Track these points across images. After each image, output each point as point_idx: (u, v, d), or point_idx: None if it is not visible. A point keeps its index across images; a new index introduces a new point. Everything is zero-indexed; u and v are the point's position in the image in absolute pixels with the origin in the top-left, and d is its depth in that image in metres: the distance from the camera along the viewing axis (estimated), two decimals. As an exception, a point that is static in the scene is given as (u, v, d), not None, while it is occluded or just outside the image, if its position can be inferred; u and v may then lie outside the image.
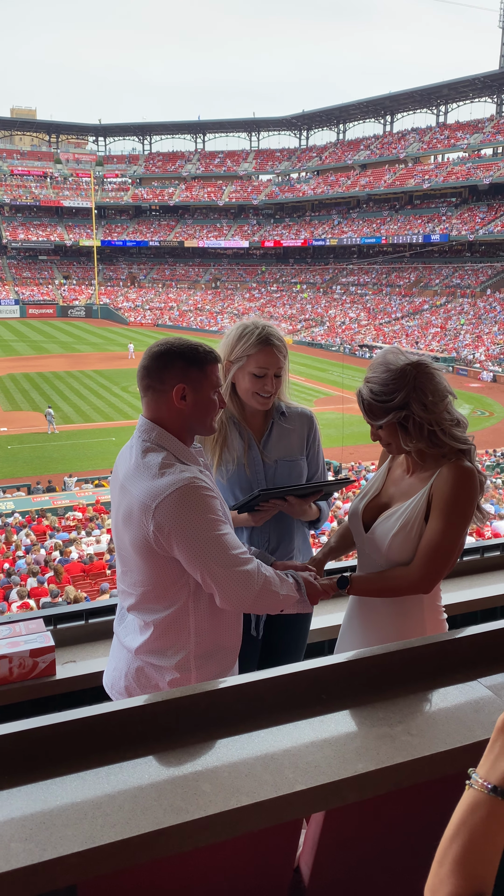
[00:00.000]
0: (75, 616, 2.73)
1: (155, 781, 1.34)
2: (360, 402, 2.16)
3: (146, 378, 1.99)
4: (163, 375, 1.96)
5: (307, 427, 2.59)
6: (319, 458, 2.64)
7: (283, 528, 2.54)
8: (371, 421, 2.15)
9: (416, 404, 2.06)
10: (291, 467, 2.53)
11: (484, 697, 1.61)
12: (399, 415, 2.08)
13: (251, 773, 1.35)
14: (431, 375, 2.10)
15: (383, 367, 2.10)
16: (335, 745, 1.43)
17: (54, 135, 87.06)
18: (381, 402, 2.09)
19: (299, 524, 2.58)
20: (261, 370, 2.39)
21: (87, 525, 17.25)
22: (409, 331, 52.39)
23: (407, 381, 2.06)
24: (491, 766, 0.98)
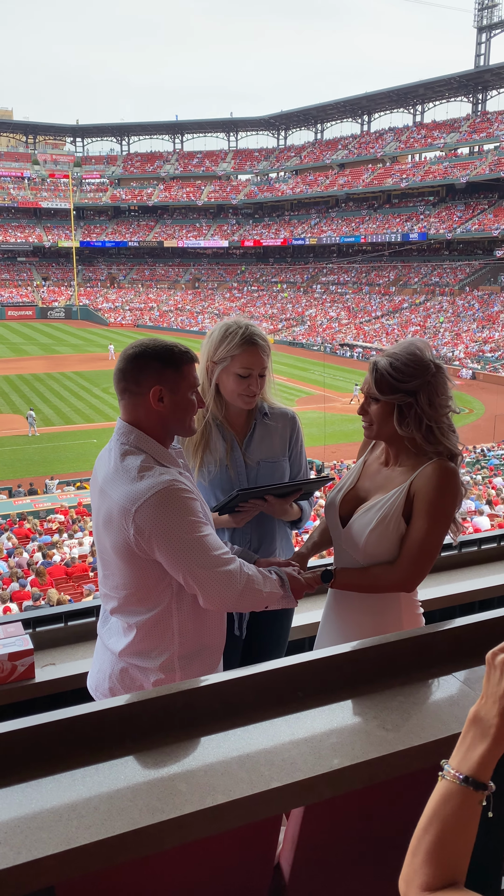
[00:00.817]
0: (54, 619, 2.71)
1: (131, 782, 1.34)
2: (374, 371, 2.14)
3: (122, 381, 1.98)
4: (139, 378, 1.95)
5: (290, 428, 2.58)
6: (302, 459, 2.64)
7: (265, 529, 2.53)
8: (373, 392, 2.15)
9: (423, 397, 2.08)
10: (274, 468, 2.52)
11: (459, 691, 1.62)
12: (404, 399, 2.09)
13: (227, 771, 1.35)
14: (445, 381, 2.14)
15: (410, 350, 2.13)
16: (311, 741, 1.44)
17: (31, 136, 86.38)
18: (394, 380, 2.10)
19: (281, 524, 2.58)
20: (245, 370, 2.37)
21: (69, 527, 17.15)
22: (389, 329, 52.63)
23: (426, 374, 2.09)
24: (463, 757, 0.99)
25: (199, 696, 1.52)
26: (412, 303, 57.11)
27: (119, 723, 1.46)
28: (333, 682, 1.63)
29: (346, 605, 2.30)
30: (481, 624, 1.83)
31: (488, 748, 0.98)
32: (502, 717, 0.98)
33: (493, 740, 0.98)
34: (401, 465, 2.20)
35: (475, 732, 1.00)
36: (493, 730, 0.98)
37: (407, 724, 1.50)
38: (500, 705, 0.98)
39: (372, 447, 2.37)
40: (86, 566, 13.38)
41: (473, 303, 53.10)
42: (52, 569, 13.02)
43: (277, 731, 1.48)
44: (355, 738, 1.45)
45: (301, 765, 1.36)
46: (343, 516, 2.29)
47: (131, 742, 1.45)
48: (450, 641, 1.78)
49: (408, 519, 2.14)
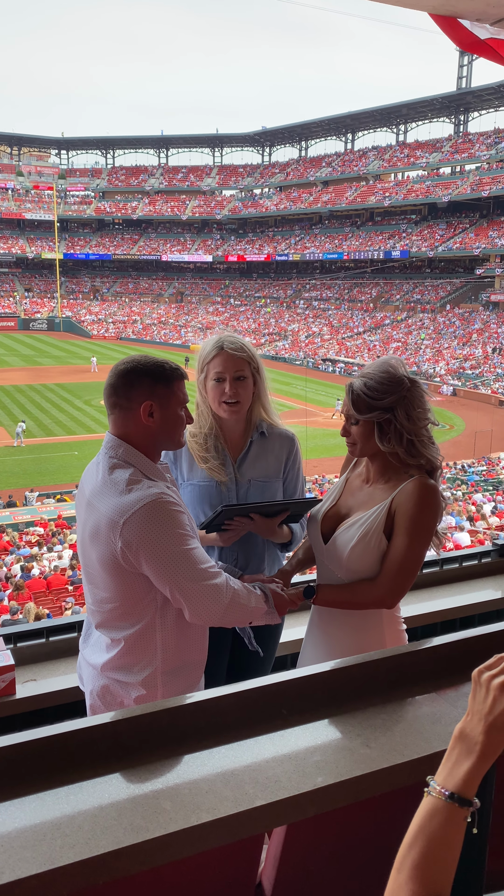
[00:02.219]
0: (35, 634, 2.69)
1: (115, 800, 1.34)
2: (350, 392, 2.19)
3: (113, 396, 1.99)
4: (129, 393, 1.96)
5: (287, 449, 2.55)
6: (298, 482, 2.61)
7: (251, 548, 2.51)
8: (352, 413, 2.19)
9: (401, 412, 2.12)
10: (264, 488, 2.50)
11: (441, 709, 1.64)
12: (382, 416, 2.13)
13: (212, 789, 1.35)
14: (422, 395, 2.17)
15: (383, 369, 2.17)
16: (295, 759, 1.44)
17: (16, 147, 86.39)
18: (370, 399, 2.14)
19: (269, 545, 2.55)
20: (218, 375, 2.37)
21: (49, 540, 17.00)
22: (370, 345, 53.03)
23: (401, 389, 2.13)
24: (448, 773, 1.01)
25: (183, 714, 1.52)
26: (394, 319, 57.63)
27: (103, 740, 1.46)
28: (317, 699, 1.64)
29: (329, 622, 2.31)
30: (462, 642, 1.85)
31: (473, 765, 0.99)
32: (487, 735, 1.00)
33: (478, 757, 1.00)
34: (382, 482, 2.22)
35: (461, 749, 1.01)
36: (479, 746, 1.00)
37: (390, 741, 1.50)
38: (486, 723, 1.00)
39: (354, 464, 2.40)
40: (65, 579, 13.25)
41: (454, 320, 53.70)
42: (30, 582, 12.89)
43: (262, 748, 1.48)
44: (339, 756, 1.46)
45: (285, 783, 1.37)
46: (325, 533, 2.31)
47: (116, 760, 1.44)
48: (431, 659, 1.80)
49: (389, 536, 2.16)
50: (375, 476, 2.25)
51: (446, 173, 64.30)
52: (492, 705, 1.00)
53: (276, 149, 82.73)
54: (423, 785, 1.03)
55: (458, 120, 67.01)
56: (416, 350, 50.15)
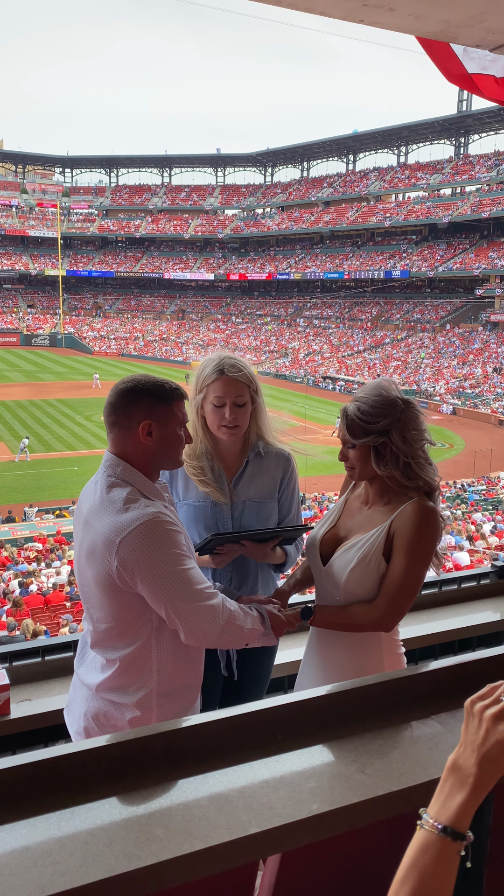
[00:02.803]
0: (31, 653, 2.67)
1: (107, 826, 1.31)
2: (343, 417, 2.19)
3: (112, 414, 1.99)
4: (129, 412, 1.97)
5: (283, 469, 2.54)
6: (293, 502, 2.59)
7: (245, 570, 2.50)
8: (347, 438, 2.19)
9: (396, 434, 2.11)
10: (259, 509, 2.48)
11: (439, 735, 1.62)
12: (377, 440, 2.12)
13: (205, 815, 1.33)
14: (417, 416, 2.16)
15: (375, 392, 2.16)
16: (290, 785, 1.42)
17: (21, 165, 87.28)
18: (364, 423, 2.13)
19: (263, 566, 2.54)
20: (218, 400, 2.37)
21: (47, 556, 16.95)
22: (370, 363, 53.21)
23: (395, 412, 2.12)
24: (441, 806, 0.99)
25: (177, 738, 1.50)
26: (394, 338, 57.88)
27: (96, 765, 1.44)
28: (313, 724, 1.62)
29: (328, 644, 2.30)
30: (459, 666, 1.83)
31: (467, 797, 0.98)
32: (480, 767, 0.98)
33: (471, 789, 0.98)
34: (381, 505, 2.21)
35: (454, 781, 1.00)
36: (472, 779, 0.98)
37: (387, 768, 1.48)
38: (479, 754, 0.98)
39: (353, 486, 2.39)
40: (63, 596, 13.20)
41: (454, 340, 53.91)
42: (28, 598, 12.83)
43: (256, 774, 1.46)
44: (335, 783, 1.44)
45: (280, 809, 1.35)
46: (324, 554, 2.30)
47: (108, 784, 1.42)
48: (429, 684, 1.78)
49: (388, 558, 2.15)
50: (374, 498, 2.24)
51: (447, 194, 64.91)
52: (485, 736, 0.99)
53: (279, 169, 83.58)
54: (418, 815, 1.01)
55: (458, 142, 67.74)
56: (416, 369, 50.30)
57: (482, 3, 2.04)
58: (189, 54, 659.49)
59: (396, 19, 2.30)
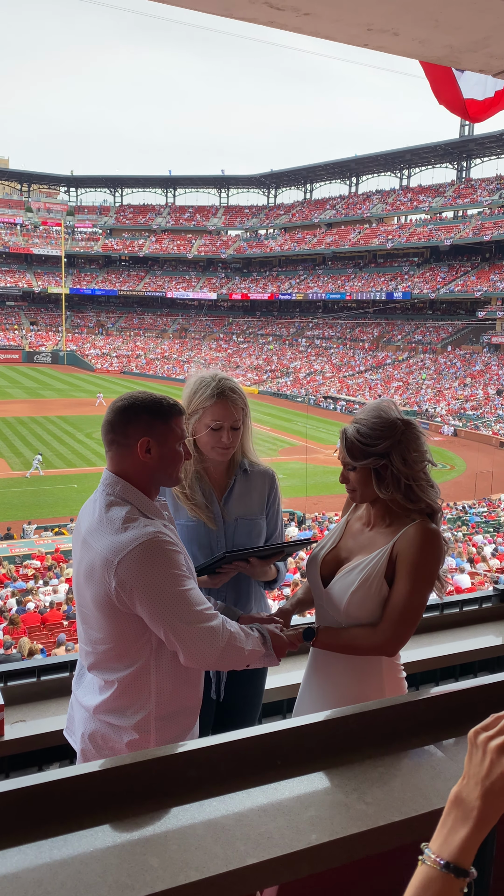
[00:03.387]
0: (27, 673, 2.63)
1: (100, 855, 1.28)
2: (343, 439, 2.17)
3: (110, 432, 1.98)
4: (127, 429, 1.95)
5: (268, 486, 2.56)
6: (278, 518, 2.62)
7: (241, 588, 2.50)
8: (348, 461, 2.16)
9: (396, 456, 2.08)
10: (251, 526, 2.49)
11: (440, 763, 1.58)
12: (377, 462, 2.10)
13: (201, 845, 1.30)
14: (417, 437, 2.14)
15: (375, 414, 2.14)
16: (289, 814, 1.39)
17: (26, 184, 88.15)
18: (364, 445, 2.11)
19: (256, 584, 2.55)
20: (216, 423, 2.36)
21: (45, 574, 16.85)
22: (372, 384, 53.31)
23: (395, 434, 2.10)
24: (444, 840, 0.95)
25: (173, 764, 1.47)
26: (395, 359, 58.05)
27: (91, 791, 1.40)
28: (312, 750, 1.58)
29: (328, 667, 2.26)
30: (462, 693, 1.80)
31: (470, 832, 0.94)
32: (485, 800, 0.94)
33: (475, 824, 0.94)
34: (383, 526, 2.19)
35: (457, 815, 0.96)
36: (476, 812, 0.94)
37: (387, 797, 1.45)
38: (483, 787, 0.95)
39: (355, 507, 2.37)
40: (60, 614, 13.10)
41: (455, 361, 54.06)
42: (26, 616, 12.74)
43: (254, 802, 1.43)
44: (334, 812, 1.40)
45: (278, 840, 1.31)
46: (325, 576, 2.27)
47: (102, 811, 1.39)
48: (431, 710, 1.75)
49: (390, 581, 2.12)
50: (376, 520, 2.21)
51: (448, 217, 65.41)
52: (489, 769, 0.95)
53: (282, 191, 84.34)
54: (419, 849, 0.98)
55: (460, 166, 68.40)
56: (417, 390, 50.39)
57: (486, 29, 2.06)
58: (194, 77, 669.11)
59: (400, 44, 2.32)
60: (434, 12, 2.01)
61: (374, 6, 1.92)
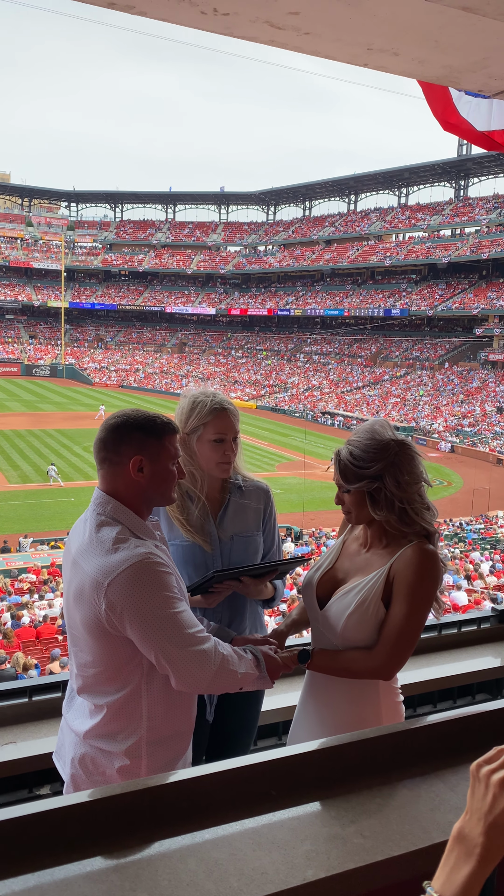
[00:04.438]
0: (18, 693, 2.59)
1: (89, 890, 1.23)
2: (337, 461, 2.14)
3: (102, 450, 1.94)
4: (119, 448, 1.92)
5: (264, 502, 2.54)
6: (275, 535, 2.59)
7: (236, 608, 2.46)
8: (342, 483, 2.14)
9: (389, 479, 2.05)
10: (247, 543, 2.46)
11: (440, 794, 1.54)
12: (371, 485, 2.07)
13: (193, 881, 1.25)
14: (412, 458, 2.11)
15: (368, 435, 2.11)
16: (284, 847, 1.34)
17: (27, 199, 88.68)
18: (357, 468, 2.08)
19: (252, 602, 2.50)
20: (219, 436, 2.35)
21: (40, 588, 16.74)
22: (369, 400, 53.42)
23: (387, 455, 2.07)
24: (446, 879, 0.92)
25: (165, 794, 1.42)
26: (393, 375, 58.19)
27: (80, 821, 1.36)
28: (308, 780, 1.54)
29: (325, 691, 2.22)
30: (462, 720, 1.76)
31: (473, 870, 0.90)
32: (488, 836, 0.91)
33: (478, 861, 0.90)
34: (380, 548, 2.16)
35: (459, 852, 0.92)
36: (479, 849, 0.91)
37: (385, 830, 1.40)
38: (486, 822, 0.91)
39: (351, 527, 2.34)
40: (55, 629, 13.00)
41: (453, 378, 54.21)
42: (20, 630, 12.64)
43: (248, 835, 1.38)
44: (331, 846, 1.35)
45: (272, 876, 1.27)
46: (321, 597, 2.23)
47: (91, 843, 1.34)
48: (430, 738, 1.70)
49: (387, 603, 2.08)
50: (373, 541, 2.18)
51: (446, 235, 65.86)
52: (492, 803, 0.91)
53: (281, 208, 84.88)
54: (420, 880, 0.94)
55: (458, 185, 68.97)
56: (415, 406, 50.48)
57: (485, 49, 2.06)
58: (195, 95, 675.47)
59: (400, 64, 2.32)
60: (434, 33, 2.01)
61: (375, 26, 1.92)
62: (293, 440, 40.08)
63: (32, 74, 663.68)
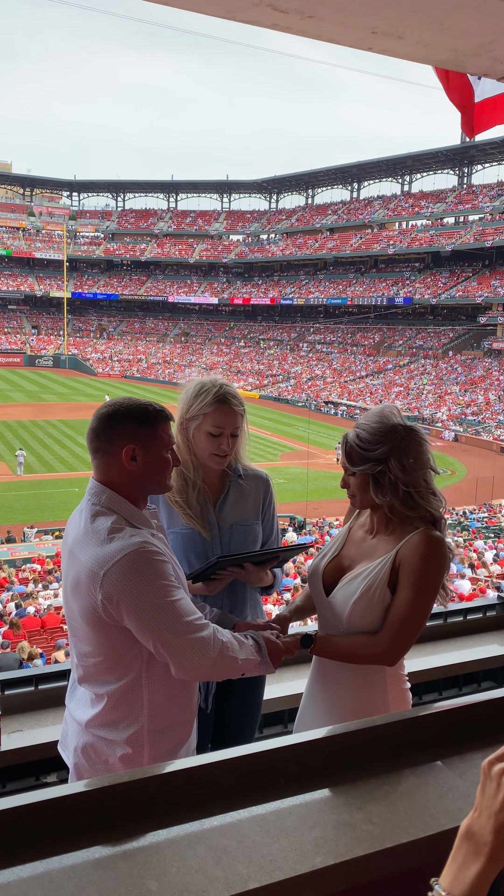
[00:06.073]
0: (24, 682, 2.59)
1: (97, 878, 1.23)
2: (343, 444, 2.15)
3: (95, 440, 1.93)
4: (111, 437, 1.90)
5: (263, 490, 2.53)
6: (274, 523, 2.58)
7: (236, 595, 2.46)
8: (347, 465, 2.14)
9: (394, 462, 2.05)
10: (247, 532, 2.45)
11: (448, 781, 1.54)
12: (375, 467, 2.06)
13: (202, 868, 1.25)
14: (419, 443, 2.10)
15: (376, 419, 2.11)
16: (292, 835, 1.34)
17: (29, 188, 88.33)
18: (363, 450, 2.08)
19: (251, 590, 2.50)
20: (217, 429, 2.33)
21: (45, 578, 16.80)
22: (373, 389, 53.30)
23: (394, 439, 2.06)
24: (454, 877, 0.91)
25: (172, 782, 1.42)
26: (396, 364, 58.04)
27: (86, 810, 1.36)
28: (316, 767, 1.54)
29: (331, 679, 2.22)
30: (470, 707, 1.76)
31: (482, 868, 0.89)
32: (497, 835, 0.89)
33: (487, 859, 0.89)
34: (386, 534, 2.15)
35: (468, 849, 0.91)
36: (488, 848, 0.89)
37: (394, 817, 1.40)
38: (496, 821, 0.90)
39: (357, 514, 2.33)
40: (59, 618, 13.06)
41: (456, 366, 54.04)
42: (25, 620, 12.70)
43: (256, 822, 1.38)
44: (339, 833, 1.35)
45: (281, 863, 1.27)
46: (327, 584, 2.23)
47: (98, 831, 1.34)
48: (438, 725, 1.70)
49: (393, 589, 2.08)
50: (378, 527, 2.18)
51: (450, 223, 65.44)
52: (503, 802, 0.91)
53: (284, 196, 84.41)
54: (429, 868, 0.94)
55: (461, 172, 68.48)
56: (418, 395, 50.37)
57: (491, 33, 2.03)
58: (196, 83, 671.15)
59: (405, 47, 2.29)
60: (439, 15, 1.98)
61: (379, 9, 1.89)
62: (296, 430, 40.04)
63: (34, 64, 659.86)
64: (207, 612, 2.25)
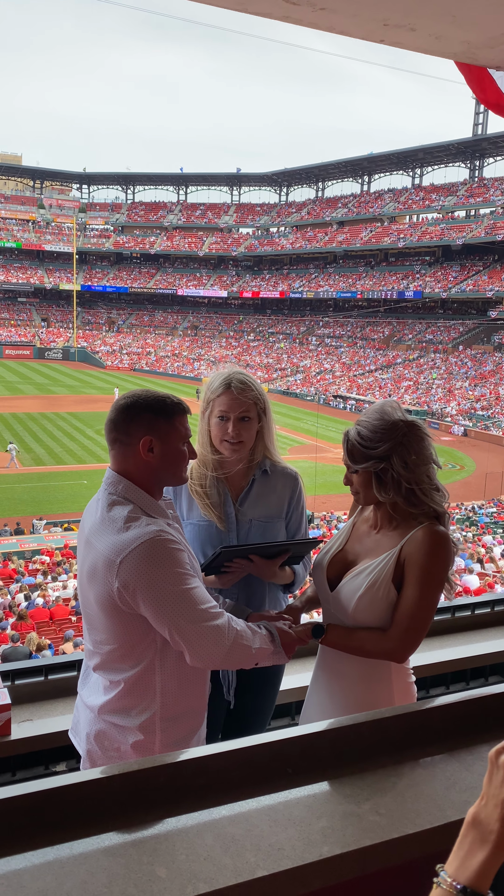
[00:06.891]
0: (34, 672, 2.62)
1: (107, 864, 1.25)
2: (345, 441, 2.14)
3: (113, 431, 1.96)
4: (129, 428, 1.93)
5: (291, 488, 2.48)
6: (302, 522, 2.53)
7: (253, 590, 2.43)
8: (349, 463, 2.14)
9: (397, 459, 2.04)
10: (266, 529, 2.42)
11: (455, 773, 1.55)
12: (377, 465, 2.06)
13: (210, 856, 1.27)
14: (421, 439, 2.09)
15: (377, 416, 2.11)
16: (300, 824, 1.36)
17: (38, 181, 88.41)
18: (364, 448, 2.08)
19: (272, 587, 2.47)
20: (223, 413, 2.33)
21: (53, 569, 16.90)
22: (382, 383, 53.16)
23: (395, 436, 2.06)
24: (460, 863, 0.92)
25: (182, 771, 1.44)
26: (406, 358, 57.83)
27: (97, 797, 1.38)
28: (324, 758, 1.55)
29: (336, 672, 2.23)
30: (478, 700, 1.76)
31: (488, 856, 0.90)
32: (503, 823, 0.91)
33: (493, 847, 0.90)
34: (390, 529, 2.15)
35: (474, 837, 0.93)
36: (494, 836, 0.91)
37: (401, 808, 1.41)
38: (502, 810, 0.91)
39: (361, 508, 2.33)
40: (68, 610, 13.14)
41: (466, 361, 53.79)
42: (34, 612, 12.77)
43: (264, 811, 1.40)
44: (346, 823, 1.37)
45: (289, 852, 1.28)
46: (331, 579, 2.23)
47: (109, 818, 1.36)
48: (445, 718, 1.71)
49: (398, 585, 2.08)
50: (383, 522, 2.17)
51: (461, 216, 65.07)
52: None
53: (294, 189, 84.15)
54: (435, 857, 0.94)
55: (473, 165, 68.02)
56: (428, 389, 50.20)
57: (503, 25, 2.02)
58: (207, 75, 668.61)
59: (417, 40, 2.28)
60: (451, 8, 1.97)
61: (391, 1, 1.88)
62: (305, 424, 40.01)
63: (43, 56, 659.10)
64: (221, 602, 2.25)
